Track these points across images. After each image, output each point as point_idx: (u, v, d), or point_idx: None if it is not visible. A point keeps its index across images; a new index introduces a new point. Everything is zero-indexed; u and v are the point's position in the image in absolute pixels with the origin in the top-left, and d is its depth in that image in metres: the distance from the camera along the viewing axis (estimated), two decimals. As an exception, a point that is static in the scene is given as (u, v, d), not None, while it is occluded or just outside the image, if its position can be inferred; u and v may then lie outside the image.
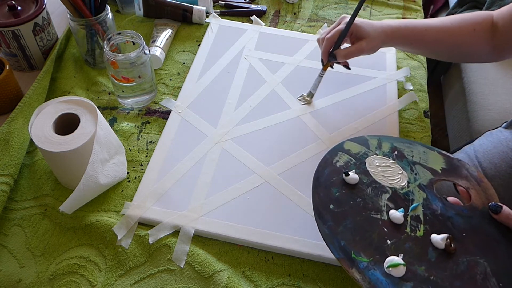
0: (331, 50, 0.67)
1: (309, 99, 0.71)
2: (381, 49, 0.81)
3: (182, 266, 0.52)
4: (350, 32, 0.65)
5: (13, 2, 0.68)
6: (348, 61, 0.70)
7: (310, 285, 0.52)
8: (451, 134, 1.36)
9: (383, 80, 0.76)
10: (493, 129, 0.76)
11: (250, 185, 0.60)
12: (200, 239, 0.55)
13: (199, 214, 0.56)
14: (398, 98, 0.74)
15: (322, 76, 0.70)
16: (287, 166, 0.62)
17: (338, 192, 0.49)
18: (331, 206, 0.47)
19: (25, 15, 0.68)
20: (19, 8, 0.69)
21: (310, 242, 0.54)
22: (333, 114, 0.70)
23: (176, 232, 0.55)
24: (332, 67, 0.70)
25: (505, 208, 0.46)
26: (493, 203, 0.47)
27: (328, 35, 0.66)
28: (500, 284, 0.42)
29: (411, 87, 0.76)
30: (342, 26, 0.65)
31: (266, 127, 0.67)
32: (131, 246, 0.53)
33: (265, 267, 0.54)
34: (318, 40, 0.70)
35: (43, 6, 0.70)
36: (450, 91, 1.44)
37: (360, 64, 0.78)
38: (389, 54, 0.81)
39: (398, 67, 0.80)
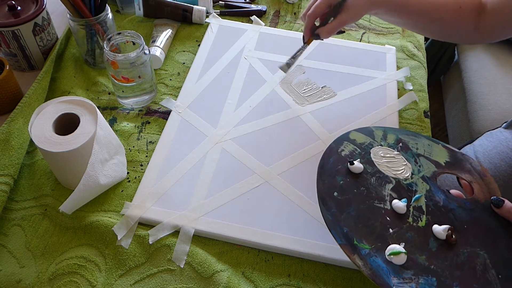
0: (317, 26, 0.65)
1: (285, 70, 0.70)
2: (381, 49, 0.82)
3: (182, 266, 0.52)
4: (328, 4, 0.63)
5: (13, 2, 0.68)
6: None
7: (310, 285, 0.52)
8: (451, 134, 1.36)
9: (383, 80, 0.76)
10: (493, 129, 0.76)
11: (250, 185, 0.60)
12: (200, 239, 0.55)
13: (199, 214, 0.56)
14: (398, 98, 0.74)
15: (303, 50, 0.69)
16: (287, 166, 0.62)
17: (343, 180, 0.49)
18: (335, 193, 0.48)
19: (25, 15, 0.68)
20: (19, 8, 0.69)
21: (310, 242, 0.54)
22: (333, 114, 0.70)
23: (176, 232, 0.55)
24: (316, 39, 0.68)
25: (507, 202, 0.47)
26: (495, 197, 0.48)
27: (309, 12, 0.65)
28: (500, 276, 0.43)
29: (411, 87, 0.76)
30: (319, 0, 0.64)
31: (266, 127, 0.67)
32: (131, 246, 0.53)
33: (265, 267, 0.54)
34: (301, 18, 0.68)
35: (43, 6, 0.70)
36: (450, 91, 1.44)
37: (360, 64, 0.78)
38: (389, 54, 0.81)
39: (398, 67, 0.80)
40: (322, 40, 0.67)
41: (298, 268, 0.54)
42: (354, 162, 0.50)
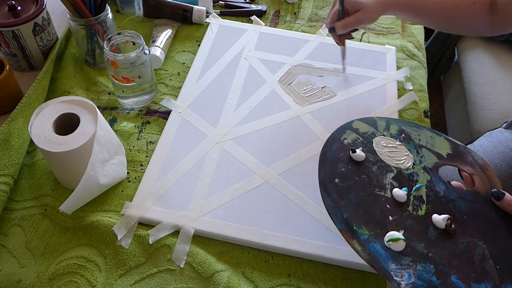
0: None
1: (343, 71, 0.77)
2: (381, 49, 0.82)
3: (182, 266, 0.52)
4: (346, 9, 0.68)
5: (13, 2, 0.68)
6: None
7: (310, 285, 0.52)
8: (451, 134, 1.36)
9: (383, 80, 0.76)
10: (493, 129, 0.76)
11: (250, 185, 0.60)
12: (200, 239, 0.55)
13: (199, 214, 0.56)
14: (398, 98, 0.74)
15: (344, 51, 0.75)
16: (287, 166, 0.62)
17: (344, 168, 0.50)
18: (336, 180, 0.48)
19: (25, 15, 0.68)
20: (19, 8, 0.69)
21: (310, 242, 0.54)
22: (333, 114, 0.70)
23: (176, 232, 0.55)
24: (351, 38, 0.74)
25: (507, 195, 0.48)
26: (496, 189, 0.49)
27: (328, 20, 0.71)
28: (497, 266, 0.43)
29: (411, 87, 0.76)
30: (337, 6, 0.68)
31: (266, 127, 0.67)
32: (131, 246, 0.53)
33: (265, 267, 0.54)
34: (325, 25, 0.74)
35: (43, 6, 0.70)
36: (450, 91, 1.44)
37: (360, 64, 0.78)
38: (389, 54, 0.81)
39: (398, 67, 0.80)
40: (346, 37, 0.73)
41: (298, 268, 0.54)
42: (356, 150, 0.51)
